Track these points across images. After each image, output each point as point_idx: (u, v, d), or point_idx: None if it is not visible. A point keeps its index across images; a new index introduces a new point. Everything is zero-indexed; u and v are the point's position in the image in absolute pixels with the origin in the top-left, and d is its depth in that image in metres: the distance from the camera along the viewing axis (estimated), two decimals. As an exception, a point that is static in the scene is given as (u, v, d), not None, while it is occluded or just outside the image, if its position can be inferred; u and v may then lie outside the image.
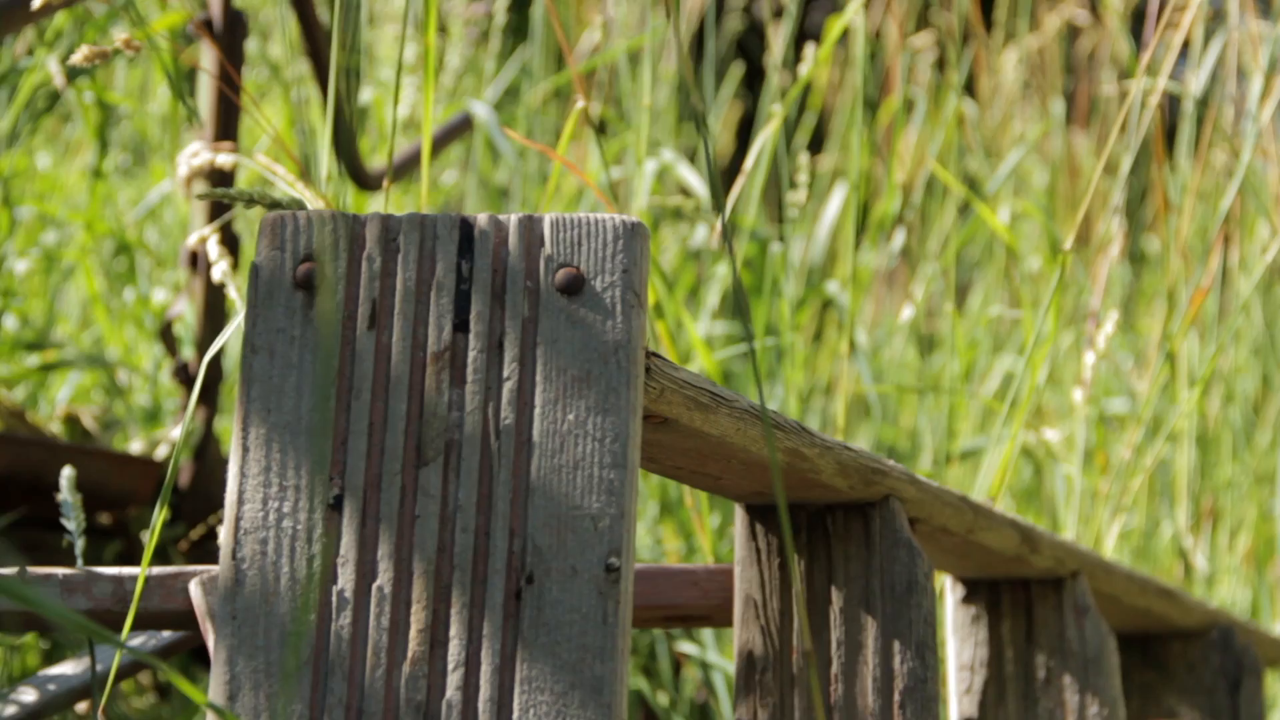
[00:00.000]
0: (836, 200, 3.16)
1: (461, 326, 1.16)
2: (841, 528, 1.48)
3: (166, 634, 1.55)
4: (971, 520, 1.61)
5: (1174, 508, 2.80)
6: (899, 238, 2.58)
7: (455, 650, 1.12)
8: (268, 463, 1.15)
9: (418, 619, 1.13)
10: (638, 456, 1.15)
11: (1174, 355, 2.23)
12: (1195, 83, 2.67)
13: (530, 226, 1.16)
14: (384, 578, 1.13)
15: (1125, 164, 2.04)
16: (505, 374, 1.15)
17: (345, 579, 1.13)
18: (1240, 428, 3.56)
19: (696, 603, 1.53)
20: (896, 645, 1.44)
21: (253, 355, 1.16)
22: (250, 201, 1.48)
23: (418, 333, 1.16)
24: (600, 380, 1.14)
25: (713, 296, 2.73)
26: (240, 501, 1.15)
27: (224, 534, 1.14)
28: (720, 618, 1.55)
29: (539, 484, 1.13)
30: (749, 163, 1.96)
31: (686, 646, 2.34)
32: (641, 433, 1.26)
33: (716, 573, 1.54)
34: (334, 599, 1.13)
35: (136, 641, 1.54)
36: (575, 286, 1.15)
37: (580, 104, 1.75)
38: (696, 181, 2.61)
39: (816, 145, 4.45)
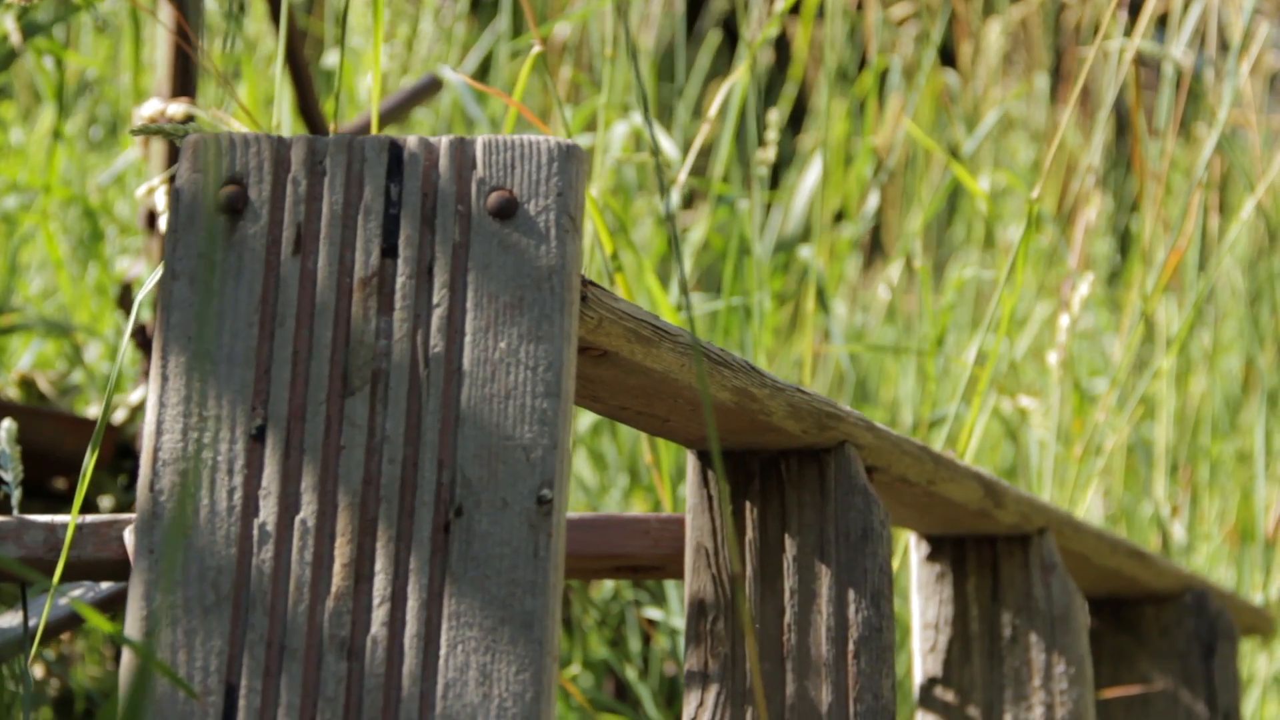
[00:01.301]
0: (814, 171, 3.12)
1: (390, 251, 1.11)
2: (796, 474, 1.44)
3: (106, 585, 1.51)
4: (932, 471, 1.57)
5: (1151, 475, 2.76)
6: (873, 200, 2.54)
7: (381, 585, 1.08)
8: (188, 392, 1.11)
9: (342, 553, 1.09)
10: (572, 386, 1.11)
11: (1148, 316, 2.19)
12: (1176, 46, 2.63)
13: (462, 149, 1.12)
14: (308, 510, 1.09)
15: (1101, 115, 1.99)
16: (435, 300, 1.11)
17: (267, 511, 1.09)
18: (1224, 407, 3.52)
19: (648, 552, 1.49)
20: (851, 594, 1.40)
21: (173, 281, 1.12)
22: (187, 137, 1.43)
23: (344, 258, 1.12)
24: (534, 307, 1.10)
25: (684, 264, 2.69)
26: (159, 432, 1.10)
27: (142, 466, 1.10)
28: (673, 568, 1.51)
29: (469, 414, 1.09)
30: (712, 111, 1.92)
31: (653, 613, 2.30)
32: (580, 365, 1.22)
33: (669, 522, 1.50)
34: (255, 532, 1.09)
35: (75, 594, 1.50)
36: (508, 210, 1.11)
37: (536, 48, 1.71)
38: (668, 144, 2.57)
39: (797, 124, 4.41)
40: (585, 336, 1.17)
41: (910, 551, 1.80)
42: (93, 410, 2.35)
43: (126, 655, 1.07)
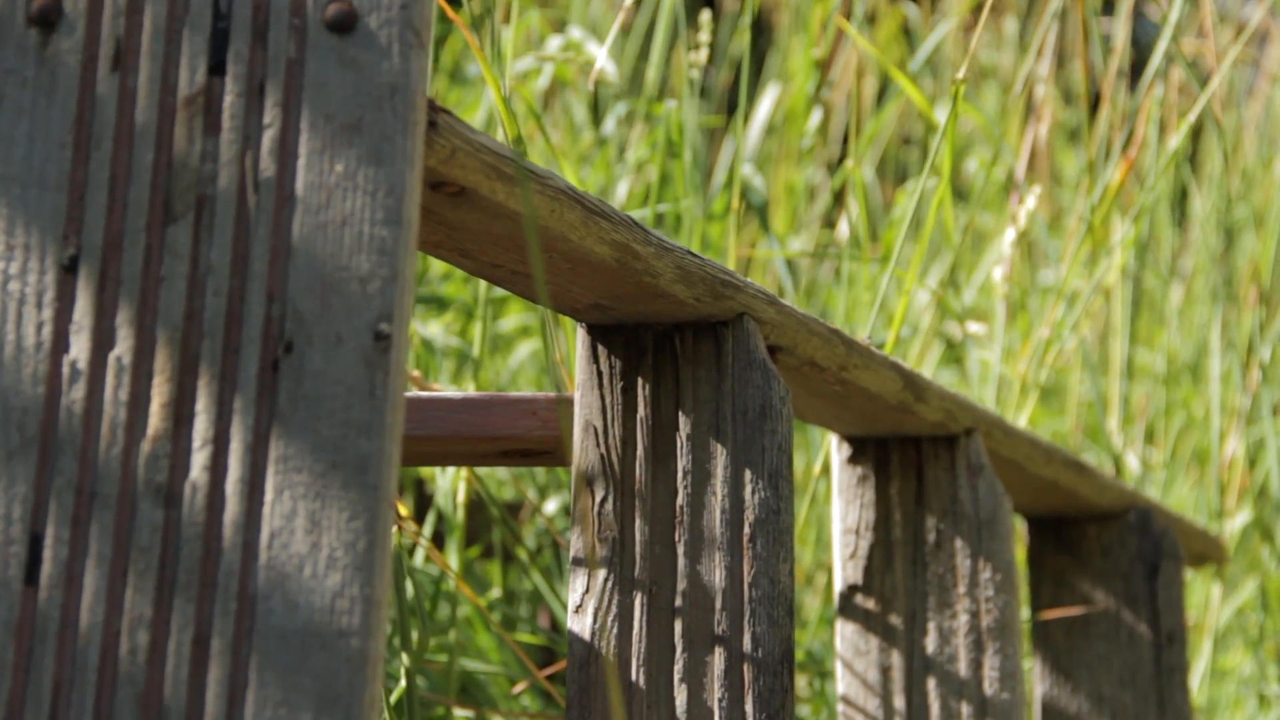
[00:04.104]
0: (769, 98, 3.03)
1: (218, 69, 1.02)
2: (691, 348, 1.35)
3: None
4: (844, 355, 1.48)
5: (1106, 411, 2.67)
6: (815, 117, 2.45)
7: (203, 427, 0.99)
8: (-6, 218, 1.01)
9: (161, 392, 0.99)
10: (416, 215, 1.02)
11: (1095, 228, 2.10)
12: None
13: (298, -41, 1.03)
14: (123, 347, 1.00)
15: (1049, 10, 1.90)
16: (266, 121, 1.01)
17: (79, 348, 1.00)
18: (1193, 361, 3.43)
19: (535, 434, 1.40)
20: (748, 474, 1.31)
21: (-20, 99, 1.03)
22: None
23: (168, 76, 1.02)
24: (373, 128, 1.01)
25: (622, 189, 2.59)
26: (-38, 262, 1.01)
27: (-56, 299, 1.01)
28: (563, 453, 1.42)
29: (301, 243, 1.00)
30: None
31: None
32: (439, 207, 1.13)
33: (557, 401, 1.40)
34: (65, 370, 1.00)
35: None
36: (347, 24, 1.02)
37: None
38: (609, 65, 2.48)
39: (758, 77, 4.32)
40: (438, 168, 1.07)
41: (832, 454, 1.70)
42: None
43: (-78, 502, 0.98)
